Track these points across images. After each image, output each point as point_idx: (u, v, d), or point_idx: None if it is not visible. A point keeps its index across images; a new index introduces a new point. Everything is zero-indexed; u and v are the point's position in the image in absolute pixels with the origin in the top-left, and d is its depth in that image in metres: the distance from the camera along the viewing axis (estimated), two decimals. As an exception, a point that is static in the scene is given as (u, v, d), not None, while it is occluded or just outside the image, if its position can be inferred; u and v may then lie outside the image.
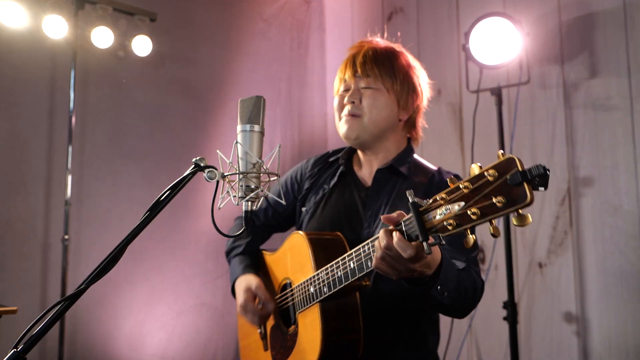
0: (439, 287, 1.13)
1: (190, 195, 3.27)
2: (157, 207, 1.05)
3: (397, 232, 1.03)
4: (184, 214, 3.28)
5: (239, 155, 1.14)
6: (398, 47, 1.60)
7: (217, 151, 1.18)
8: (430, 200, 0.95)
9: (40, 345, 0.90)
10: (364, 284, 1.34)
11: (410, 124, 1.60)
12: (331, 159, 1.67)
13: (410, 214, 0.99)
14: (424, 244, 0.95)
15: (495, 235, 0.85)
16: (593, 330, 2.51)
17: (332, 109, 1.62)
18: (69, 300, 0.95)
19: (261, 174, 1.14)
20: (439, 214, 0.92)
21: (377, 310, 1.40)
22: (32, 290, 2.81)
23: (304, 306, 1.38)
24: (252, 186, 1.14)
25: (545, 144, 2.71)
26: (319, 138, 3.96)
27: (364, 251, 1.19)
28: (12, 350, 0.90)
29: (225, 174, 1.11)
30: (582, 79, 2.62)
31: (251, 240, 1.73)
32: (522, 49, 2.51)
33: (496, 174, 0.83)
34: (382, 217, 1.08)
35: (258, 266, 1.70)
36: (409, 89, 1.54)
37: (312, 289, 1.34)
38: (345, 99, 1.51)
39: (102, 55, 3.11)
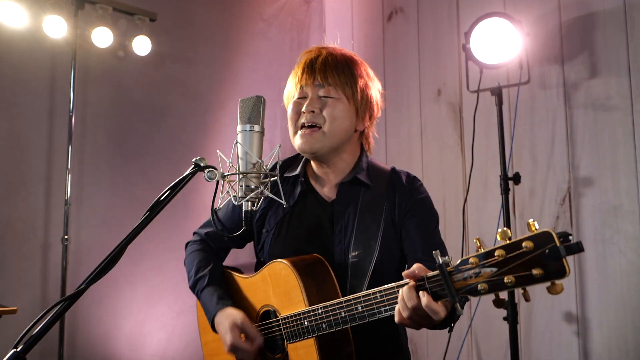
0: (452, 324, 1.20)
1: (190, 195, 3.27)
2: (157, 207, 1.05)
3: (426, 294, 1.04)
4: (184, 214, 3.28)
5: (239, 155, 1.14)
6: (356, 56, 1.54)
7: (217, 151, 1.18)
8: (459, 262, 0.98)
9: (40, 345, 0.90)
10: None
11: (365, 134, 1.56)
12: (286, 175, 1.57)
13: (436, 272, 1.02)
14: (457, 305, 0.98)
15: (527, 299, 0.92)
16: (593, 330, 2.51)
17: None
18: (69, 300, 0.95)
19: (261, 174, 1.14)
20: (469, 275, 0.96)
21: (361, 331, 1.39)
22: (32, 290, 2.81)
23: (297, 338, 1.36)
24: (252, 186, 1.13)
25: (545, 144, 2.71)
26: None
27: (376, 298, 1.18)
28: (12, 350, 0.90)
29: (225, 174, 1.11)
30: (582, 79, 2.62)
31: (213, 267, 1.61)
32: (522, 49, 2.51)
33: (532, 245, 0.87)
34: (403, 274, 1.08)
35: (229, 291, 1.59)
36: (367, 99, 1.48)
37: (306, 323, 1.32)
38: (304, 108, 1.43)
39: (102, 55, 3.11)
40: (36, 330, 0.92)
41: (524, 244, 0.88)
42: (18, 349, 0.90)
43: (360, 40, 3.81)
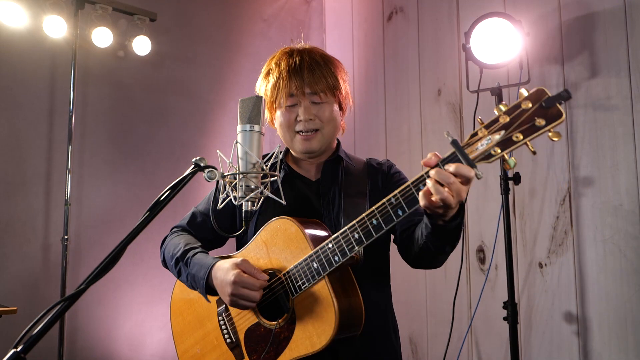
0: (460, 220, 1.23)
1: (190, 195, 3.27)
2: (157, 207, 1.05)
3: (454, 163, 1.11)
4: (184, 214, 3.28)
5: (239, 155, 1.14)
6: (329, 54, 1.63)
7: (217, 151, 1.18)
8: (469, 136, 1.10)
9: (40, 345, 0.90)
10: (356, 259, 1.35)
11: None
12: (268, 164, 1.63)
13: (451, 151, 1.12)
14: (475, 170, 1.09)
15: (534, 152, 1.04)
16: (593, 330, 2.51)
17: None
18: (69, 300, 0.95)
19: (261, 174, 1.14)
20: (480, 145, 1.08)
21: (367, 285, 1.42)
22: (32, 290, 2.81)
23: (305, 286, 1.33)
24: (252, 186, 1.14)
25: (545, 144, 2.71)
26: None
27: (391, 204, 1.20)
28: (12, 350, 0.89)
29: (225, 174, 1.11)
30: (582, 79, 2.62)
31: (202, 245, 1.61)
32: (522, 49, 2.51)
33: (530, 103, 1.04)
34: (422, 162, 1.15)
35: None
36: (346, 95, 1.61)
37: (315, 265, 1.32)
38: (301, 116, 1.50)
39: (102, 55, 3.11)
40: (36, 330, 0.92)
41: (522, 104, 1.04)
42: (18, 349, 0.90)
43: (360, 40, 3.81)
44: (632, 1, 2.48)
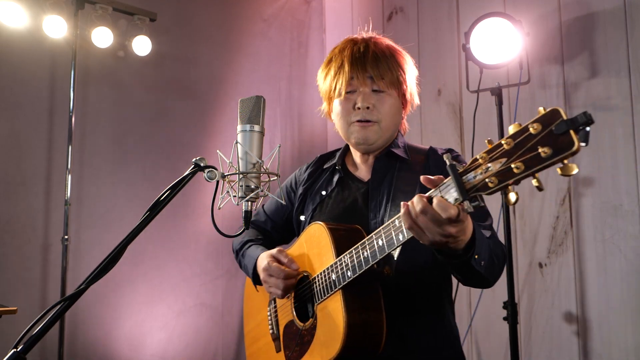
0: (476, 257, 1.11)
1: (190, 195, 3.27)
2: (157, 207, 1.05)
3: (437, 196, 1.01)
4: (184, 214, 3.28)
5: (239, 155, 1.14)
6: (397, 45, 1.53)
7: (217, 151, 1.18)
8: (469, 162, 0.94)
9: (40, 345, 0.90)
10: (386, 273, 1.30)
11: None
12: (325, 166, 1.62)
13: (449, 178, 0.98)
14: (465, 202, 0.94)
15: (540, 188, 0.84)
16: (593, 330, 2.51)
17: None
18: (69, 300, 0.95)
19: (261, 174, 1.14)
20: (479, 173, 0.91)
21: (401, 301, 1.35)
22: (32, 290, 2.81)
23: (324, 295, 1.33)
24: (252, 186, 1.14)
25: (545, 144, 2.71)
26: (319, 138, 3.96)
27: (394, 225, 1.15)
28: (12, 350, 0.90)
29: (225, 174, 1.11)
30: (582, 79, 2.62)
31: (262, 239, 1.70)
32: (522, 49, 2.51)
33: (540, 127, 0.82)
34: (421, 177, 1.05)
35: None
36: (411, 92, 1.51)
37: (333, 276, 1.30)
38: (359, 104, 1.42)
39: (102, 55, 3.11)
40: (36, 330, 0.92)
41: (530, 127, 0.82)
42: (18, 349, 0.90)
43: (360, 40, 3.81)
44: (632, 1, 2.48)
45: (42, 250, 2.86)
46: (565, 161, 0.80)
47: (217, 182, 1.10)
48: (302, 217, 1.58)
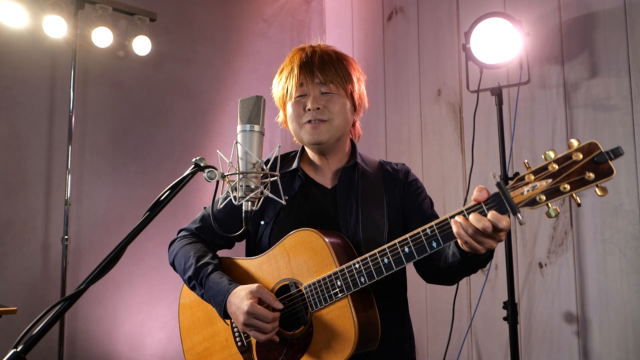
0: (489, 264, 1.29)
1: (190, 195, 3.27)
2: (157, 207, 1.05)
3: (492, 211, 1.12)
4: (184, 214, 3.27)
5: (239, 155, 1.14)
6: (343, 52, 1.61)
7: (217, 151, 1.18)
8: (515, 179, 1.11)
9: (40, 345, 0.90)
10: None
11: (354, 126, 1.65)
12: (283, 171, 1.61)
13: (495, 192, 1.13)
14: (518, 215, 1.08)
15: (579, 205, 1.06)
16: (593, 330, 2.51)
17: None
18: (69, 300, 0.95)
19: (261, 174, 1.14)
20: (526, 190, 1.09)
21: (377, 298, 1.41)
22: (32, 290, 2.81)
23: (325, 302, 1.34)
24: (252, 186, 1.14)
25: (545, 144, 2.71)
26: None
27: (426, 235, 1.22)
28: (12, 350, 0.89)
29: (225, 174, 1.11)
30: (582, 79, 2.62)
31: (214, 256, 1.57)
32: (522, 49, 2.51)
33: (581, 155, 1.04)
34: (472, 198, 1.16)
35: (235, 276, 1.53)
36: (361, 94, 1.58)
37: (339, 283, 1.32)
38: (309, 105, 1.48)
39: (102, 55, 3.11)
40: (36, 330, 0.92)
41: (573, 155, 1.04)
42: (18, 349, 0.90)
43: (360, 40, 3.81)
44: (632, 1, 2.48)
45: (42, 250, 2.86)
46: (600, 184, 1.02)
47: (217, 182, 1.10)
48: (262, 222, 1.55)
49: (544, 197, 1.07)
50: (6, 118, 2.82)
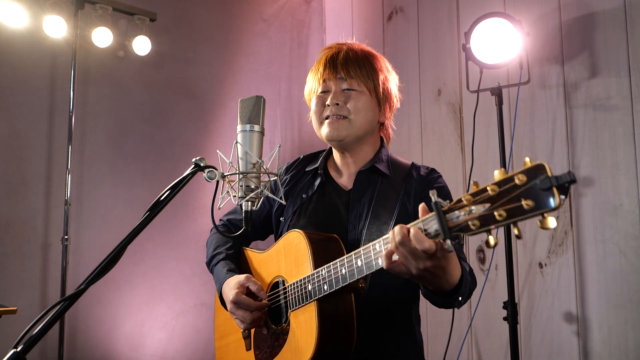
0: (460, 298, 1.18)
1: (190, 195, 3.27)
2: (157, 207, 1.05)
3: (415, 227, 1.02)
4: (184, 214, 3.28)
5: (239, 155, 1.14)
6: (374, 50, 1.59)
7: (217, 151, 1.18)
8: (454, 201, 0.96)
9: (40, 345, 0.90)
10: (360, 286, 1.31)
11: (384, 126, 1.62)
12: (307, 169, 1.63)
13: (432, 213, 1.00)
14: (448, 241, 0.95)
15: (519, 237, 0.87)
16: (593, 330, 2.51)
17: None
18: (69, 300, 0.95)
19: (261, 174, 1.14)
20: (462, 214, 0.93)
21: (372, 314, 1.38)
22: (32, 290, 2.81)
23: (299, 304, 1.35)
24: (252, 186, 1.14)
25: (545, 144, 2.71)
26: (318, 138, 3.94)
27: (375, 249, 1.16)
28: (12, 350, 0.89)
29: (225, 174, 1.11)
30: (582, 79, 2.62)
31: (231, 246, 1.66)
32: (522, 49, 2.51)
33: (525, 178, 0.85)
34: (420, 206, 1.06)
35: (242, 265, 1.64)
36: (388, 92, 1.55)
37: (309, 287, 1.31)
38: (328, 101, 1.48)
39: (102, 55, 3.11)
40: (36, 330, 0.92)
41: (516, 178, 0.86)
42: (18, 349, 0.90)
43: (360, 40, 3.79)
44: (632, 1, 2.48)
45: (42, 250, 2.86)
46: (545, 215, 0.84)
47: (217, 182, 1.10)
48: (282, 219, 1.59)
49: (477, 224, 0.91)
50: (6, 118, 2.82)
